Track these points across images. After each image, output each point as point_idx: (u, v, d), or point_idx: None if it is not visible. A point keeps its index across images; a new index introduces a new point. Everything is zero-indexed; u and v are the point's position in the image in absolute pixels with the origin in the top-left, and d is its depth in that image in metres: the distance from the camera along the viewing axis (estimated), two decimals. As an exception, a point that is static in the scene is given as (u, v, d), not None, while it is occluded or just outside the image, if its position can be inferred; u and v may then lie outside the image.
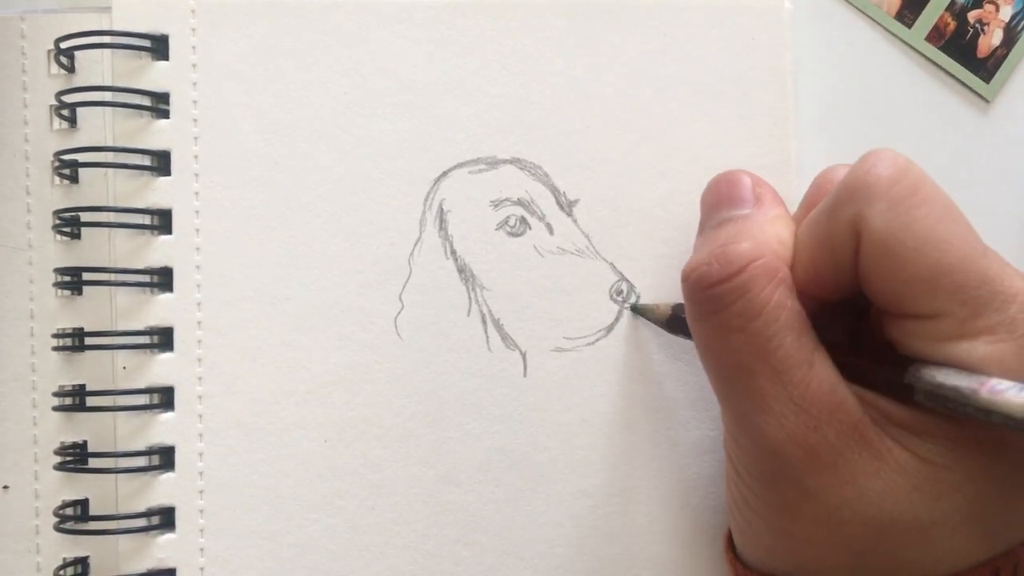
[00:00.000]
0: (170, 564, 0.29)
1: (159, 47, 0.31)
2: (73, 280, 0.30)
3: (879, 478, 0.23)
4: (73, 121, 0.31)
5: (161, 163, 0.30)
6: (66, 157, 0.30)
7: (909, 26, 0.34)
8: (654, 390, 0.31)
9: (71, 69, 0.31)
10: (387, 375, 0.31)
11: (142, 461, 0.29)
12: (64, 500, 0.30)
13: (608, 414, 0.31)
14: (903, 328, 0.23)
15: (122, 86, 0.30)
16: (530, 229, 0.31)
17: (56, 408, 0.30)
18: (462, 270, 0.31)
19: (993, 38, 0.35)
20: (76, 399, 0.30)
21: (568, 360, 0.31)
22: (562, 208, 0.32)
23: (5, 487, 0.30)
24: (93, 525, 0.29)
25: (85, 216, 0.30)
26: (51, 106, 0.31)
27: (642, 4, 0.32)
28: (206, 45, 0.31)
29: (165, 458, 0.30)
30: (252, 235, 0.30)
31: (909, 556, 0.23)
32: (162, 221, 0.30)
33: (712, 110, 0.32)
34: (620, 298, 0.31)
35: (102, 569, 0.30)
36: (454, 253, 0.31)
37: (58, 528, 0.29)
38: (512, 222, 0.31)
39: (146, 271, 0.30)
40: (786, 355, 0.23)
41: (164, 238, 0.30)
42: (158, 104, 0.31)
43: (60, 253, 0.31)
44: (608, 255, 0.32)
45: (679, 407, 0.31)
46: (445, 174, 0.31)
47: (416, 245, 0.31)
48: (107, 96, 0.30)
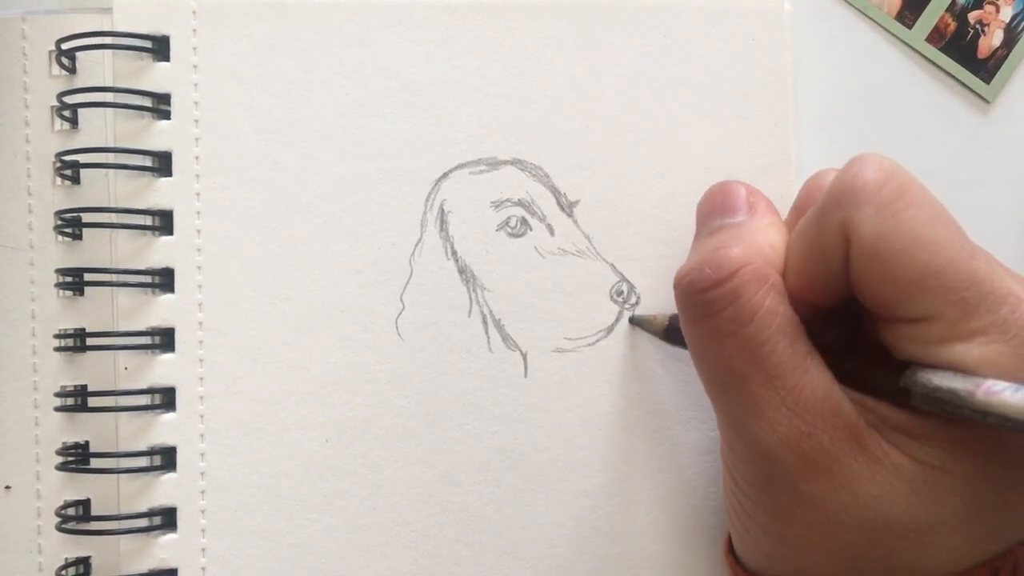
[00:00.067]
0: (171, 564, 0.29)
1: (160, 48, 0.31)
2: (75, 281, 0.30)
3: (875, 482, 0.23)
4: (74, 122, 0.31)
5: (162, 164, 0.31)
6: (67, 158, 0.30)
7: (909, 27, 0.34)
8: (654, 391, 0.31)
9: (72, 70, 0.31)
10: (388, 375, 0.31)
11: (143, 461, 0.30)
12: (66, 500, 0.30)
13: (608, 414, 0.31)
14: (896, 332, 0.23)
15: (123, 87, 0.30)
16: (531, 230, 0.31)
17: (58, 408, 0.30)
18: (463, 271, 0.31)
19: (993, 39, 0.35)
20: (78, 399, 0.30)
21: (568, 361, 0.31)
22: (563, 209, 0.32)
23: (7, 487, 0.30)
24: (95, 525, 0.29)
25: (86, 217, 0.30)
26: (52, 107, 0.31)
27: (642, 5, 0.32)
28: (207, 46, 0.31)
29: (166, 458, 0.30)
30: (253, 236, 0.31)
31: (906, 559, 0.23)
32: (163, 222, 0.30)
33: (712, 111, 0.32)
34: (620, 299, 0.31)
35: (104, 569, 0.30)
36: (455, 254, 0.31)
37: (60, 528, 0.29)
38: (513, 223, 0.31)
39: (147, 272, 0.30)
40: (779, 360, 0.23)
41: (165, 239, 0.30)
42: (159, 105, 0.31)
43: (62, 254, 0.31)
44: (609, 256, 0.32)
45: (679, 407, 0.31)
46: (446, 175, 0.31)
47: (417, 246, 0.31)
48: (108, 97, 0.30)
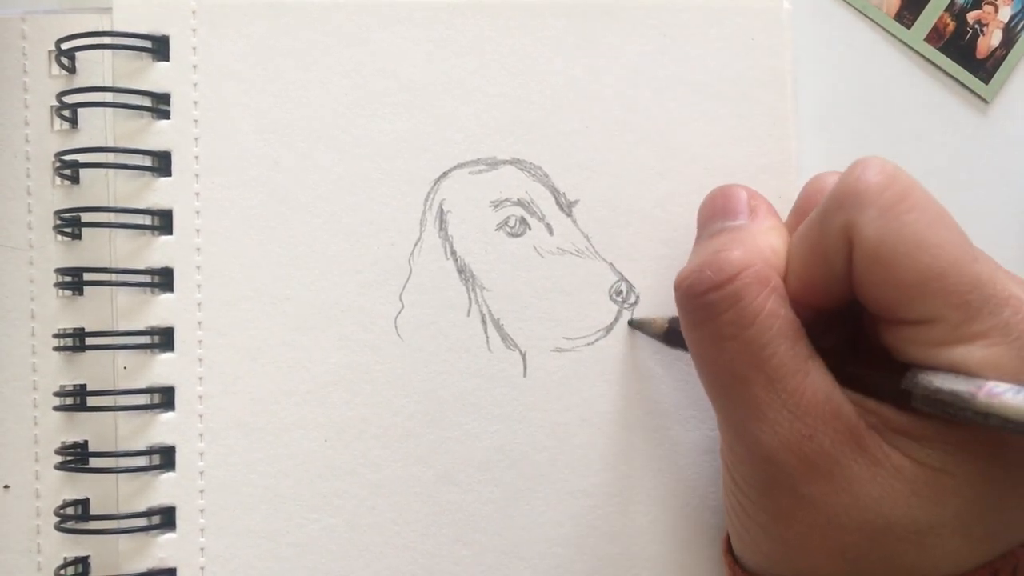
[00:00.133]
0: (170, 564, 0.29)
1: (160, 48, 0.31)
2: (74, 280, 0.30)
3: (876, 484, 0.23)
4: (74, 122, 0.31)
5: (162, 164, 0.31)
6: (67, 158, 0.30)
7: (908, 27, 0.34)
8: (654, 390, 0.31)
9: (72, 70, 0.31)
10: (387, 375, 0.31)
11: (143, 461, 0.30)
12: (65, 500, 0.30)
13: (608, 414, 0.31)
14: (898, 334, 0.23)
15: (123, 87, 0.30)
16: (530, 229, 0.31)
17: (57, 408, 0.30)
18: (462, 270, 0.31)
19: (992, 39, 0.35)
20: (77, 399, 0.30)
21: (568, 360, 0.31)
22: (562, 208, 0.32)
23: (6, 487, 0.30)
24: (94, 525, 0.29)
25: (86, 216, 0.30)
26: (52, 107, 0.31)
27: (641, 4, 0.32)
28: (207, 46, 0.31)
29: (165, 458, 0.30)
30: (252, 235, 0.31)
31: (907, 561, 0.23)
32: (163, 221, 0.30)
33: (712, 110, 0.32)
34: (620, 298, 0.31)
35: (103, 569, 0.30)
36: (454, 253, 0.31)
37: (59, 528, 0.29)
38: (512, 222, 0.31)
39: (147, 271, 0.30)
40: (780, 363, 0.23)
41: (165, 238, 0.30)
42: (159, 105, 0.31)
43: (61, 253, 0.31)
44: (608, 255, 0.32)
45: (679, 407, 0.31)
46: (445, 174, 0.31)
47: (416, 245, 0.31)
48: (108, 97, 0.30)
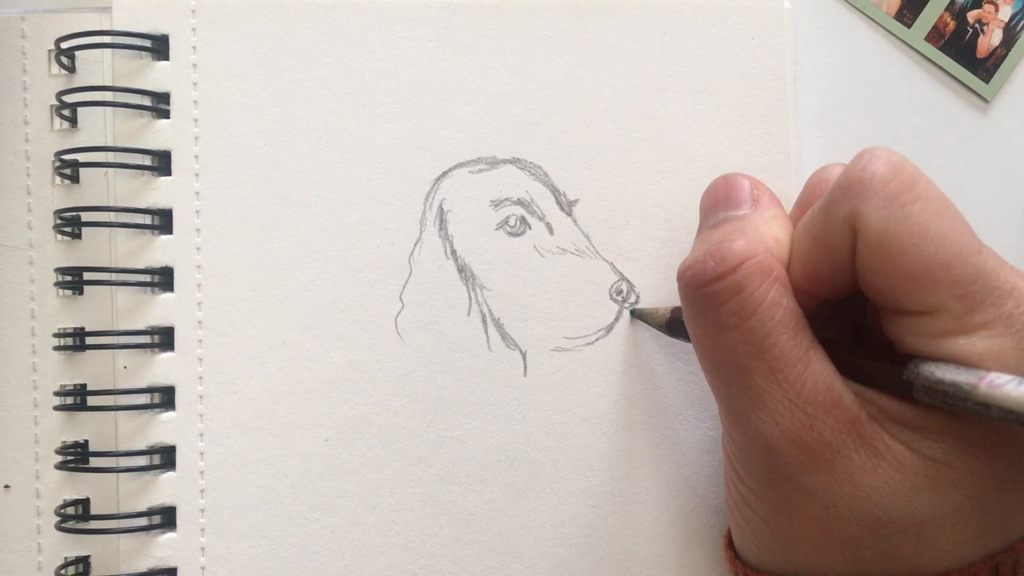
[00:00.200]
0: (171, 563, 0.29)
1: (159, 47, 0.31)
2: (74, 280, 0.30)
3: (877, 475, 0.23)
4: (74, 121, 0.31)
5: (162, 163, 0.31)
6: (67, 157, 0.30)
7: (909, 26, 0.34)
8: (654, 390, 0.31)
9: (72, 69, 0.31)
10: (387, 375, 0.31)
11: (143, 460, 0.30)
12: (65, 499, 0.30)
13: (608, 414, 0.31)
14: (901, 325, 0.23)
15: (123, 86, 0.30)
16: (530, 229, 0.31)
17: (57, 407, 0.30)
18: (462, 270, 0.31)
19: (992, 38, 0.35)
20: (77, 398, 0.30)
21: (568, 360, 0.31)
22: (562, 208, 0.32)
23: (6, 486, 0.30)
24: (94, 524, 0.29)
25: (86, 216, 0.30)
26: (52, 106, 0.31)
27: (641, 4, 0.32)
28: (206, 45, 0.31)
29: (166, 457, 0.30)
30: (253, 235, 0.31)
31: (907, 553, 0.23)
32: (163, 221, 0.30)
33: (712, 110, 0.32)
34: (620, 298, 0.31)
35: (103, 568, 0.30)
36: (454, 253, 0.31)
37: (59, 527, 0.29)
38: (512, 222, 0.31)
39: (147, 271, 0.30)
40: (781, 353, 0.23)
41: (165, 238, 0.30)
42: (158, 104, 0.31)
43: (61, 253, 0.31)
44: (608, 255, 0.32)
45: (679, 407, 0.31)
46: (445, 174, 0.31)
47: (416, 245, 0.31)
48: (108, 96, 0.30)
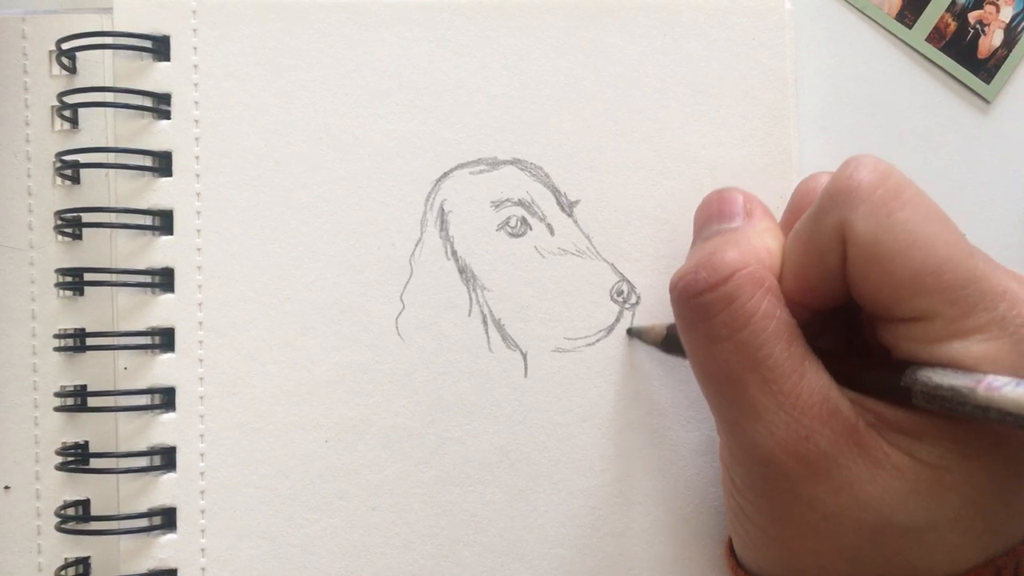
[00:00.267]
0: (171, 564, 0.29)
1: (160, 48, 0.31)
2: (74, 281, 0.30)
3: (876, 483, 0.22)
4: (74, 122, 0.31)
5: (162, 164, 0.31)
6: (68, 158, 0.30)
7: (909, 27, 0.34)
8: (655, 391, 0.31)
9: (72, 70, 0.31)
10: (388, 375, 0.31)
11: (143, 461, 0.30)
12: (65, 500, 0.30)
13: (609, 415, 0.31)
14: (895, 332, 0.23)
15: (123, 87, 0.30)
16: (531, 230, 0.31)
17: (57, 408, 0.30)
18: (463, 270, 0.31)
19: (993, 39, 0.35)
20: (77, 399, 0.30)
21: (569, 361, 0.31)
22: (563, 209, 0.32)
23: (7, 487, 0.30)
24: (94, 525, 0.29)
25: (86, 217, 0.30)
26: (52, 107, 0.31)
27: (642, 4, 0.32)
28: (207, 46, 0.31)
29: (166, 458, 0.30)
30: (253, 236, 0.31)
31: (908, 559, 0.23)
32: (163, 222, 0.30)
33: (712, 110, 0.32)
34: (621, 299, 0.31)
35: (103, 569, 0.30)
36: (455, 254, 0.31)
37: (59, 528, 0.29)
38: (513, 223, 0.31)
39: (147, 272, 0.30)
40: (775, 364, 0.23)
41: (165, 239, 0.30)
42: (159, 105, 0.31)
43: (61, 254, 0.31)
44: (609, 256, 0.32)
45: (680, 407, 0.31)
46: (446, 175, 0.31)
47: (417, 245, 0.31)
48: (108, 97, 0.30)
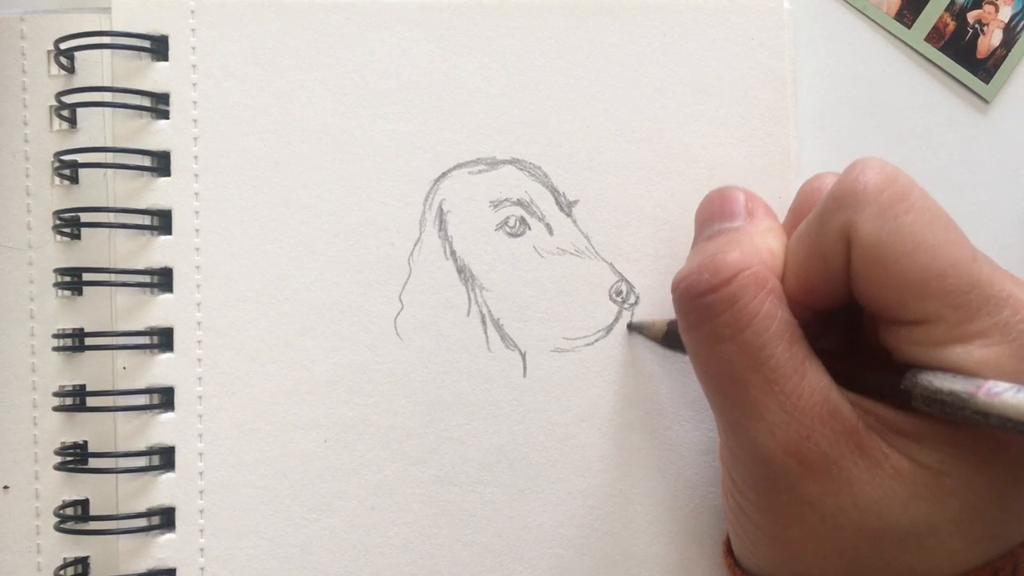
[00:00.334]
0: (170, 564, 0.29)
1: (159, 48, 0.31)
2: (73, 280, 0.30)
3: (875, 485, 0.23)
4: (73, 122, 0.31)
5: (161, 163, 0.31)
6: (66, 158, 0.30)
7: (908, 26, 0.34)
8: (654, 390, 0.31)
9: (71, 70, 0.31)
10: (387, 375, 0.31)
11: (142, 461, 0.30)
12: (64, 500, 0.30)
13: (607, 414, 0.31)
14: (897, 334, 0.23)
15: (122, 87, 0.30)
16: (530, 229, 0.31)
17: (56, 408, 0.30)
18: (462, 270, 0.31)
19: (992, 39, 0.35)
20: (76, 399, 0.30)
21: (567, 360, 0.31)
22: (562, 208, 0.32)
23: (5, 487, 0.30)
24: (93, 525, 0.29)
25: (85, 216, 0.30)
26: (51, 107, 0.31)
27: (641, 4, 0.32)
28: (206, 46, 0.31)
29: (165, 458, 0.30)
30: (252, 235, 0.30)
31: (906, 561, 0.23)
32: (162, 221, 0.30)
33: (712, 110, 0.32)
34: (619, 298, 0.31)
35: (102, 569, 0.30)
36: (454, 253, 0.31)
37: (58, 528, 0.29)
38: (512, 222, 0.31)
39: (146, 271, 0.30)
40: (777, 365, 0.23)
41: (164, 238, 0.30)
42: (158, 105, 0.31)
43: (60, 253, 0.31)
44: (608, 256, 0.32)
45: (679, 407, 0.31)
46: (445, 174, 0.31)
47: (416, 245, 0.31)
48: (107, 97, 0.30)
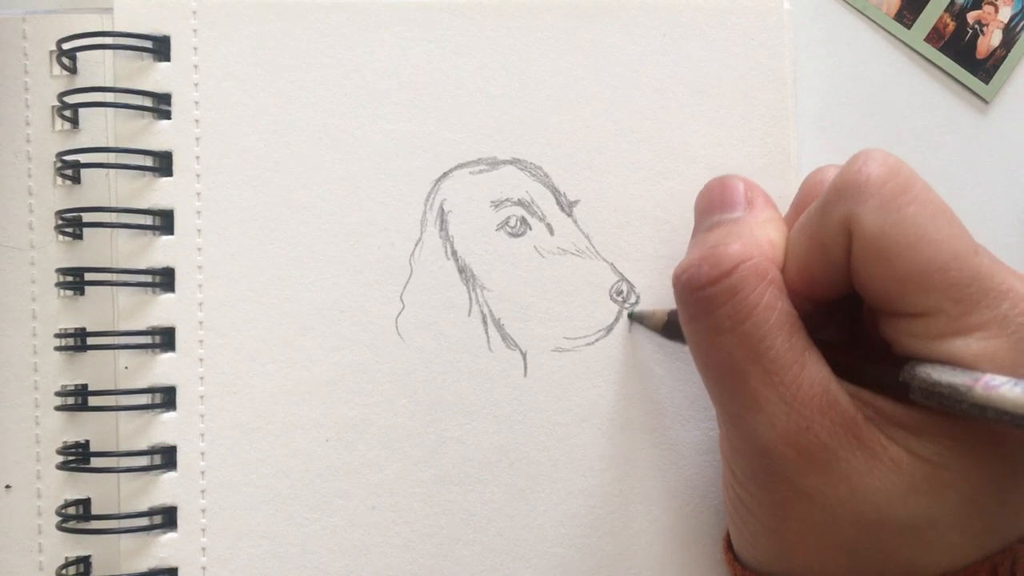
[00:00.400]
0: (172, 563, 0.29)
1: (161, 48, 0.31)
2: (75, 280, 0.30)
3: (874, 477, 0.23)
4: (75, 122, 0.31)
5: (163, 164, 0.31)
6: (68, 158, 0.30)
7: (908, 27, 0.34)
8: (654, 390, 0.31)
9: (73, 70, 0.31)
10: (388, 375, 0.31)
11: (144, 461, 0.30)
12: (66, 499, 0.30)
13: (608, 414, 0.31)
14: (897, 327, 0.23)
15: (124, 87, 0.30)
16: (530, 229, 0.31)
17: (58, 408, 0.30)
18: (463, 270, 0.31)
19: (992, 39, 0.35)
20: (78, 399, 0.30)
21: (568, 360, 0.31)
22: (562, 208, 0.32)
23: (7, 486, 0.30)
24: (95, 524, 0.29)
25: (87, 216, 0.30)
26: (53, 107, 0.31)
27: (641, 5, 0.32)
28: (207, 46, 0.31)
29: (167, 458, 0.30)
30: (254, 235, 0.31)
31: (905, 555, 0.23)
32: (164, 221, 0.30)
33: (712, 110, 0.32)
34: (620, 298, 0.31)
35: (104, 568, 0.30)
36: (455, 253, 0.31)
37: (60, 527, 0.29)
38: (512, 222, 0.31)
39: (148, 271, 0.30)
40: (777, 356, 0.23)
41: (166, 238, 0.30)
42: (160, 105, 0.31)
43: (62, 253, 0.31)
44: (608, 255, 0.32)
45: (679, 407, 0.31)
46: (446, 174, 0.31)
47: (417, 245, 0.31)
48: (109, 97, 0.30)
